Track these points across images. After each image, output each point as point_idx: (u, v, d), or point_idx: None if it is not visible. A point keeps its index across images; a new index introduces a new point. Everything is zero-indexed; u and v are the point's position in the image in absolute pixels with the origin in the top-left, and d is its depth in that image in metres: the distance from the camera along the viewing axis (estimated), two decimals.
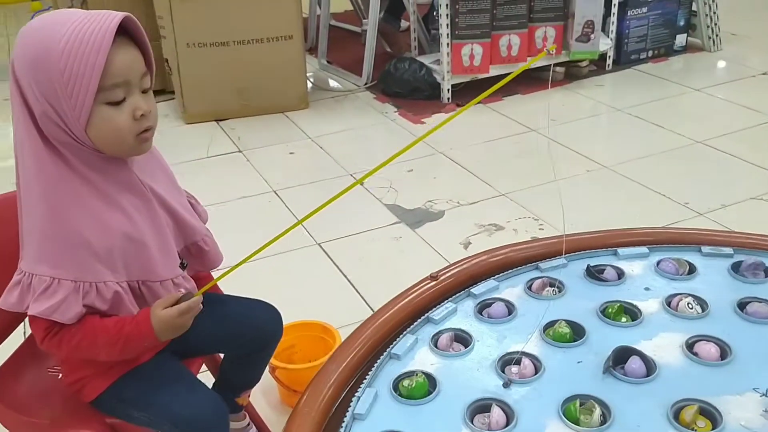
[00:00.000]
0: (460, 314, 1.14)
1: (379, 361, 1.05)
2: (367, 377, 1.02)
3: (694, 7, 3.85)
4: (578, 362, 0.99)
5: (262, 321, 1.27)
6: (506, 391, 0.95)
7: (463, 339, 1.08)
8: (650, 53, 3.80)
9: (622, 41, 3.69)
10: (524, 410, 0.91)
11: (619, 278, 1.17)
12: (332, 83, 3.85)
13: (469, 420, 0.90)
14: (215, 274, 1.35)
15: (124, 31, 0.95)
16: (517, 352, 1.01)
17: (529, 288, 1.17)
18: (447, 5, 3.17)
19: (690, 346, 0.99)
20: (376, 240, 2.30)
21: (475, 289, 1.19)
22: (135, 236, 1.03)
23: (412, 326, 1.13)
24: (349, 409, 0.96)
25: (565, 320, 1.06)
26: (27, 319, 1.07)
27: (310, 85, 3.79)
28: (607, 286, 1.16)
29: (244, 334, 1.26)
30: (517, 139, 3.00)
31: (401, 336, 1.11)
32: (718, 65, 3.80)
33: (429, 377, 0.98)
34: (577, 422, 0.87)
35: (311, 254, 2.23)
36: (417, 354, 1.06)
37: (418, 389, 0.95)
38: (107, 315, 1.03)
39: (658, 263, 1.20)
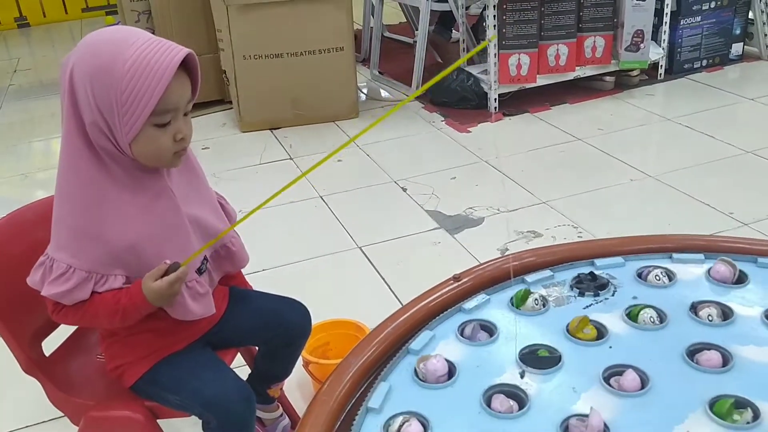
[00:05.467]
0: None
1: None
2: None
3: (750, 15, 3.77)
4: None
5: (290, 317, 1.35)
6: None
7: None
8: (704, 62, 3.75)
9: (675, 50, 3.65)
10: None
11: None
12: (383, 93, 3.94)
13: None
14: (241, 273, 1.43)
15: (181, 62, 1.03)
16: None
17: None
18: (494, 16, 3.22)
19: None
20: (415, 245, 2.36)
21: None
22: (155, 240, 1.11)
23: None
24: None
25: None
26: None
27: (362, 95, 3.89)
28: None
29: (272, 329, 1.33)
30: (562, 148, 3.02)
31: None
32: None
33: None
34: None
35: (352, 257, 2.31)
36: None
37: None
38: None
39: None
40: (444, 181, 2.79)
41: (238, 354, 1.49)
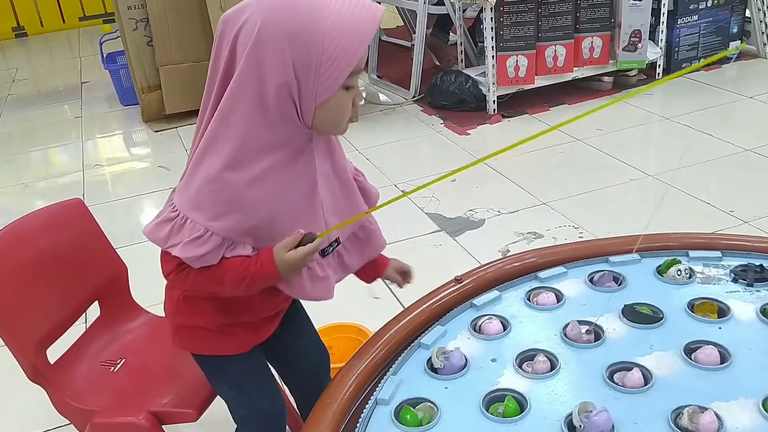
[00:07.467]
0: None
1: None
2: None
3: (747, 14, 3.78)
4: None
5: (313, 368, 1.39)
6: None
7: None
8: (702, 61, 3.75)
9: (673, 50, 3.66)
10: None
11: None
12: (382, 97, 3.95)
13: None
14: None
15: None
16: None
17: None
18: (491, 18, 3.23)
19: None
20: (416, 248, 2.36)
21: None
22: (290, 215, 1.05)
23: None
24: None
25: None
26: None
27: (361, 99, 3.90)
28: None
29: (298, 369, 1.39)
30: (561, 149, 3.02)
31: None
32: None
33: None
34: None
35: None
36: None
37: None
38: None
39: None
40: (444, 183, 2.78)
41: None
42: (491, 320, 1.09)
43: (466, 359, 1.02)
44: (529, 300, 1.15)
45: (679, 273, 1.15)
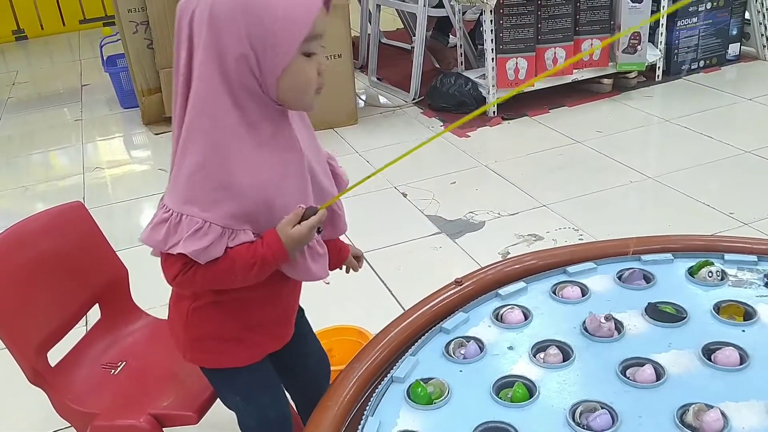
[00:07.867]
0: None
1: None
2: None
3: (747, 16, 3.78)
4: None
5: (314, 373, 1.38)
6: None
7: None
8: (702, 63, 3.76)
9: (672, 52, 3.66)
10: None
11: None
12: (382, 99, 3.95)
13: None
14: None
15: None
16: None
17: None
18: (491, 20, 3.23)
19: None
20: (416, 250, 2.36)
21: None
22: (283, 195, 1.03)
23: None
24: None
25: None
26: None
27: (361, 102, 3.90)
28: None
29: (301, 381, 1.37)
30: (561, 151, 3.03)
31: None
32: None
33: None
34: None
35: None
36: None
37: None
38: None
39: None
40: (444, 185, 2.80)
41: None
42: (513, 310, 1.12)
43: (483, 345, 1.04)
44: (554, 293, 1.16)
45: (710, 275, 1.15)
